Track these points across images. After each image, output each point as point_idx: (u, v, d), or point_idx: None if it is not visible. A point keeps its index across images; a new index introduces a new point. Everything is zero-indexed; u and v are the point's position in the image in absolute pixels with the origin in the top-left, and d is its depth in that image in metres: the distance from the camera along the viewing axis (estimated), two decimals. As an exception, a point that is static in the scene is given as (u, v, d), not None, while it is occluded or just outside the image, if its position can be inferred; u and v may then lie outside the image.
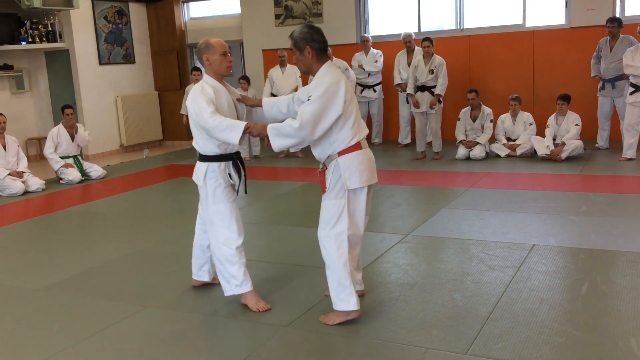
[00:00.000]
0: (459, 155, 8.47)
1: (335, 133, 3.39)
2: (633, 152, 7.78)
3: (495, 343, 3.19)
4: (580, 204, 5.83)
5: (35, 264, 5.01)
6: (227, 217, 3.74)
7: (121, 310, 3.90)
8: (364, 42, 9.82)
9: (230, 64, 3.78)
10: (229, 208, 3.75)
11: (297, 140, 3.36)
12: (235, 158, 3.81)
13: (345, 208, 3.42)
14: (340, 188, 3.42)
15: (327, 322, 3.51)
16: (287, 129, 3.36)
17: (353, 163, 3.41)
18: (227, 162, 3.77)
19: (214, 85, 3.71)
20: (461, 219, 5.52)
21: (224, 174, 3.75)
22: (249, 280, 3.79)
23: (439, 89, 8.38)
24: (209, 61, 3.73)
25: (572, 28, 9.21)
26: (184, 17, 12.40)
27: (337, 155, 3.41)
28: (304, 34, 3.45)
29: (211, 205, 3.75)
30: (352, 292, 3.43)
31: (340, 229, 3.43)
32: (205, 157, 3.75)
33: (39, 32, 10.36)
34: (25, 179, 7.97)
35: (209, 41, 3.75)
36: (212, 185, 3.73)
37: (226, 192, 3.76)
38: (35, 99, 11.08)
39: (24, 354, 3.41)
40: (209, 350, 3.33)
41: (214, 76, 3.76)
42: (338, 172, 3.41)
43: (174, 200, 7.31)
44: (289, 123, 3.37)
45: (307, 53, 3.44)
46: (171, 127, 12.25)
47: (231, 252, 3.74)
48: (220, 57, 3.73)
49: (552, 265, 4.32)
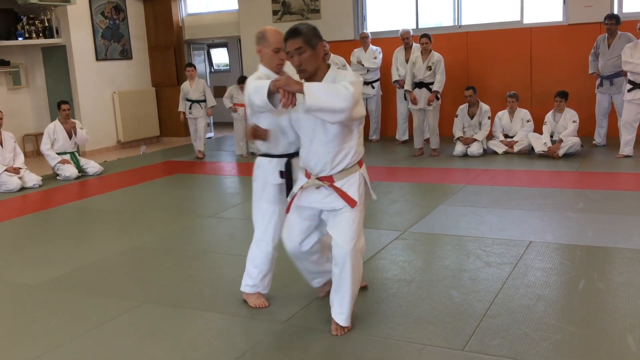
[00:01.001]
0: (457, 152, 8.47)
1: (351, 140, 3.17)
2: (630, 149, 7.79)
3: (492, 339, 3.19)
4: (578, 201, 5.84)
5: (32, 260, 5.00)
6: (267, 219, 3.60)
7: (118, 306, 3.90)
8: (364, 38, 9.81)
9: (282, 62, 3.47)
10: (270, 210, 3.58)
11: (344, 105, 2.93)
12: (290, 158, 3.51)
13: (362, 222, 3.29)
14: (363, 201, 3.28)
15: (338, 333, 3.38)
16: (341, 90, 2.95)
17: (367, 175, 3.32)
18: (279, 159, 3.52)
19: (268, 75, 3.44)
20: (458, 216, 5.52)
21: (274, 171, 3.53)
22: (261, 287, 3.74)
23: (437, 86, 8.37)
24: (261, 53, 3.49)
25: (570, 25, 9.21)
26: (181, 13, 12.37)
27: (359, 166, 3.24)
28: (312, 29, 3.14)
29: (256, 200, 3.64)
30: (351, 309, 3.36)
31: (362, 242, 3.30)
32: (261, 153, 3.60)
33: (35, 28, 10.33)
34: (22, 175, 7.95)
35: (264, 32, 3.47)
36: (261, 181, 3.59)
37: (273, 191, 3.55)
38: (32, 95, 11.05)
39: (20, 350, 3.40)
40: (206, 346, 3.33)
41: (268, 67, 3.51)
42: (363, 182, 3.25)
43: (171, 197, 7.30)
44: (345, 85, 2.97)
45: (320, 49, 3.14)
46: (168, 123, 12.23)
47: (259, 254, 3.67)
48: (272, 53, 3.45)
49: (549, 262, 4.32)
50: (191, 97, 9.78)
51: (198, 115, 9.83)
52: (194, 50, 12.63)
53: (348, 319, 3.35)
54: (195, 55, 12.60)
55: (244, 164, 9.11)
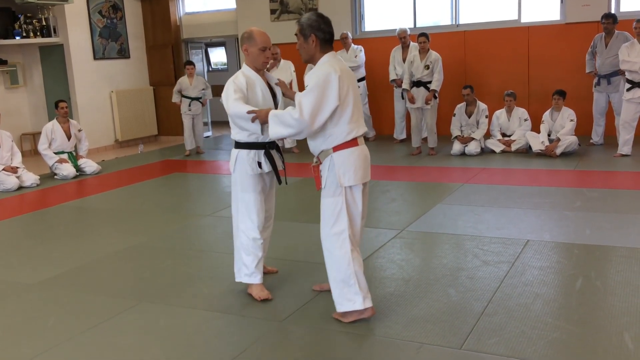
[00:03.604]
0: (454, 151, 8.47)
1: (331, 127, 3.32)
2: (629, 148, 7.80)
3: (489, 338, 3.20)
4: (575, 200, 5.85)
5: (30, 259, 5.00)
6: (251, 207, 3.77)
7: (116, 305, 3.90)
8: (344, 39, 9.79)
9: (267, 60, 3.75)
10: (253, 198, 3.77)
11: (296, 130, 3.29)
12: (267, 147, 3.76)
13: (344, 206, 3.35)
14: (336, 185, 3.34)
15: (339, 319, 3.47)
16: (287, 118, 3.30)
17: (348, 159, 3.33)
18: (258, 150, 3.74)
19: (249, 75, 3.73)
20: (456, 215, 5.52)
21: (252, 162, 3.73)
22: (259, 273, 3.84)
23: (435, 85, 8.37)
24: (247, 52, 3.73)
25: (568, 24, 9.22)
26: (179, 12, 12.36)
27: (332, 151, 3.34)
28: (311, 21, 3.37)
29: (239, 192, 3.80)
30: (357, 290, 3.34)
31: (340, 227, 3.35)
32: (237, 143, 3.77)
33: (33, 27, 10.31)
34: (20, 174, 7.94)
35: (251, 32, 3.73)
36: (241, 173, 3.75)
37: (253, 180, 3.76)
38: (30, 94, 11.03)
39: (18, 348, 3.40)
40: (204, 345, 3.33)
41: (251, 66, 3.77)
42: (333, 168, 3.34)
43: (169, 196, 7.30)
44: (290, 112, 3.30)
45: (312, 41, 3.36)
46: (166, 122, 12.22)
47: (247, 242, 3.79)
48: (259, 51, 3.71)
49: (547, 260, 4.33)
50: (190, 94, 9.81)
51: (197, 112, 9.91)
52: (192, 49, 12.62)
53: (340, 305, 3.40)
54: (193, 54, 12.58)
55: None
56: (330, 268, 3.41)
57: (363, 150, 3.42)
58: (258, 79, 3.75)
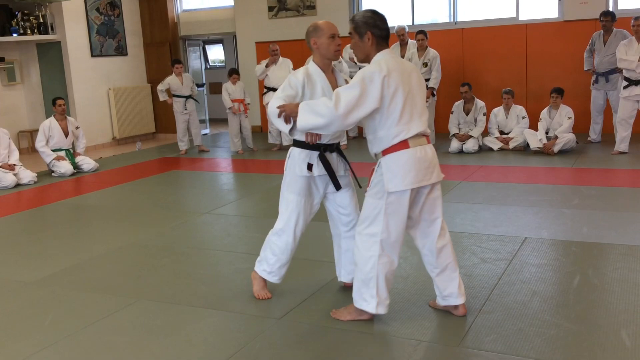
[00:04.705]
0: (452, 149, 8.48)
1: (379, 130, 3.20)
2: (626, 145, 7.81)
3: (487, 335, 3.20)
4: (573, 197, 5.85)
5: (27, 257, 4.99)
6: (291, 209, 3.61)
7: (113, 302, 3.90)
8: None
9: (339, 47, 3.55)
10: (295, 200, 3.59)
11: (326, 120, 3.12)
12: (322, 150, 3.53)
13: (383, 210, 3.21)
14: (381, 188, 3.22)
15: (339, 317, 3.47)
16: (320, 106, 3.15)
17: (397, 163, 3.18)
18: (311, 151, 3.54)
19: (312, 72, 3.52)
20: (454, 212, 5.53)
21: (303, 162, 3.54)
22: (277, 275, 3.75)
23: (433, 82, 8.37)
24: (317, 44, 3.51)
25: (566, 22, 9.22)
26: (176, 9, 12.34)
27: (382, 155, 3.24)
28: (367, 19, 3.26)
29: (284, 190, 3.66)
30: (374, 294, 3.28)
31: (374, 230, 3.25)
32: (294, 141, 3.61)
33: (30, 24, 10.29)
34: (17, 171, 7.93)
35: (317, 24, 3.55)
36: (290, 172, 3.61)
37: (301, 182, 3.57)
38: (27, 91, 11.01)
39: (15, 346, 3.39)
40: (201, 342, 3.33)
41: (319, 61, 3.55)
42: (380, 171, 3.23)
43: (167, 193, 7.29)
44: (324, 101, 3.17)
45: (367, 39, 3.24)
46: (164, 120, 12.20)
47: (278, 243, 3.67)
48: (329, 40, 3.50)
49: (544, 258, 4.34)
50: (184, 92, 9.79)
51: (192, 109, 9.87)
52: (190, 46, 12.61)
53: (356, 301, 3.38)
54: (190, 52, 12.57)
55: (238, 160, 9.10)
56: (357, 264, 3.36)
57: (417, 153, 3.20)
58: (321, 76, 3.52)
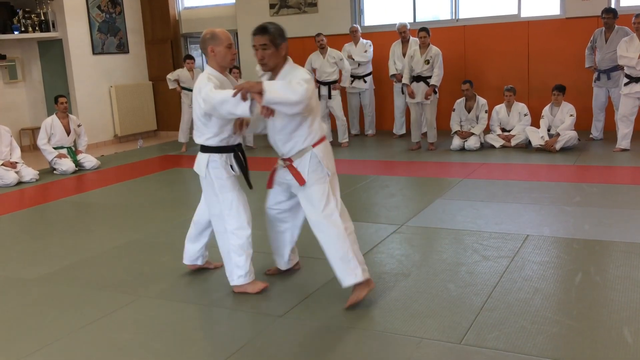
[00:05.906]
0: (454, 146, 8.47)
1: (309, 127, 3.52)
2: (627, 142, 7.80)
3: (489, 333, 3.20)
4: (574, 195, 5.84)
5: (29, 254, 5.00)
6: (235, 206, 3.76)
7: (115, 300, 3.90)
8: (353, 32, 9.76)
9: (234, 56, 3.78)
10: (235, 196, 3.76)
11: (298, 98, 3.27)
12: (236, 150, 3.80)
13: (330, 190, 3.56)
14: (319, 174, 3.55)
15: (356, 301, 3.55)
16: (295, 85, 3.30)
17: (327, 150, 3.62)
18: (228, 154, 3.77)
19: (218, 77, 3.70)
20: (456, 210, 5.52)
21: (225, 165, 3.75)
22: (251, 271, 3.85)
23: (435, 80, 8.35)
24: (214, 52, 3.69)
25: (568, 18, 9.20)
26: (178, 7, 12.32)
27: (312, 147, 3.55)
28: (280, 30, 3.52)
29: (218, 194, 3.76)
30: (356, 264, 3.51)
31: (330, 209, 3.54)
32: (207, 148, 3.76)
33: (31, 22, 10.29)
34: (19, 169, 7.94)
35: (215, 32, 3.71)
36: (216, 176, 3.75)
37: (230, 181, 3.77)
38: (29, 89, 11.02)
39: (18, 344, 3.40)
40: (203, 340, 3.33)
41: (216, 67, 3.74)
42: (315, 160, 3.54)
43: (168, 191, 7.29)
44: (298, 82, 3.33)
45: (282, 50, 3.51)
46: (165, 117, 12.20)
47: (240, 242, 3.76)
48: (226, 49, 3.69)
49: (546, 255, 4.33)
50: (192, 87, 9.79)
51: None
52: (191, 44, 12.59)
53: (344, 280, 3.53)
54: (192, 49, 12.55)
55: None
56: (328, 249, 3.54)
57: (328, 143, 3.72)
58: (226, 81, 3.74)
